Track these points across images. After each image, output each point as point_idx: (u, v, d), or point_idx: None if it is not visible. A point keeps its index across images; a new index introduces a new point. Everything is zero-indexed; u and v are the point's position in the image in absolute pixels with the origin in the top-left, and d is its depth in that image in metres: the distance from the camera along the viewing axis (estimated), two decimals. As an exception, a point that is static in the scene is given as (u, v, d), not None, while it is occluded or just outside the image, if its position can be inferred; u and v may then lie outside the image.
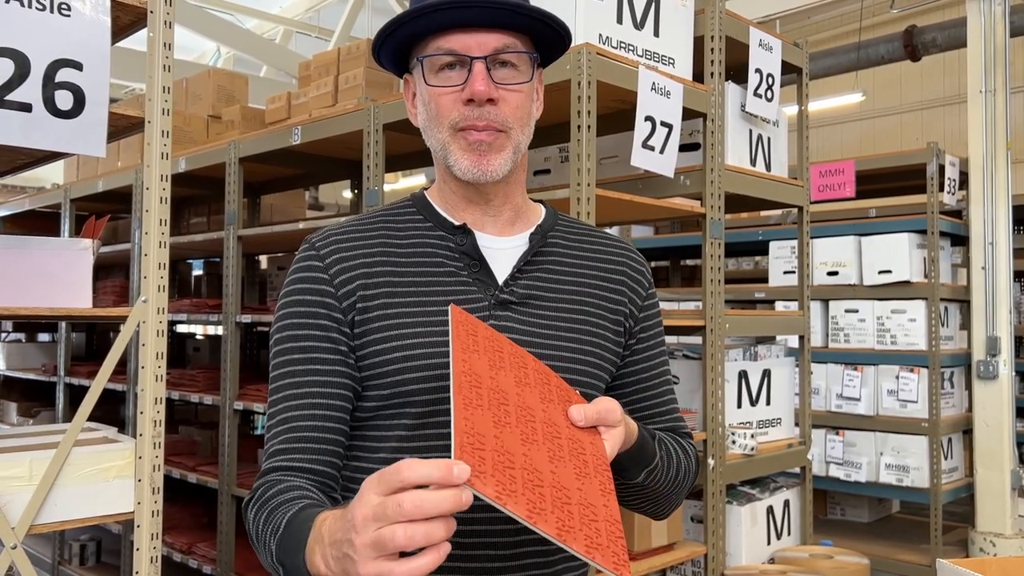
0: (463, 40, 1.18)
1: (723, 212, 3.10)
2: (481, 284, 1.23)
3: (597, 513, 0.96)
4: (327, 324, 1.21)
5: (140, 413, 1.98)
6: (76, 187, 5.10)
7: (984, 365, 4.97)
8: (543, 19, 1.21)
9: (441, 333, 1.18)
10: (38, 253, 1.95)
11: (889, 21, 8.82)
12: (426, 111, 1.23)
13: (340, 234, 1.26)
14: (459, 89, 1.19)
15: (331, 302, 1.21)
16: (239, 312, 4.04)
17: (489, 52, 1.19)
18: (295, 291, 1.24)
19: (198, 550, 4.30)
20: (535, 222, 1.33)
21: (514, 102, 1.21)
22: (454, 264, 1.24)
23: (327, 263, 1.23)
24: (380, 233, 1.27)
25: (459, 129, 1.20)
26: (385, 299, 1.21)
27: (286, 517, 1.08)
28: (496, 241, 1.28)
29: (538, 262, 1.28)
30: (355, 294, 1.21)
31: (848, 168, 5.11)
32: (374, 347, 1.19)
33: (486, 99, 1.18)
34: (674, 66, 3.00)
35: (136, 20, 2.06)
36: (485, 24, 1.18)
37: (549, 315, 1.25)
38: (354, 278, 1.22)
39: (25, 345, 6.02)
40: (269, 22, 12.28)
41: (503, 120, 1.20)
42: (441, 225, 1.27)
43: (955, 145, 6.21)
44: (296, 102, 4.39)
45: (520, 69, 1.22)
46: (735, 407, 3.31)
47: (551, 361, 1.22)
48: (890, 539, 5.31)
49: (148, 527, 1.93)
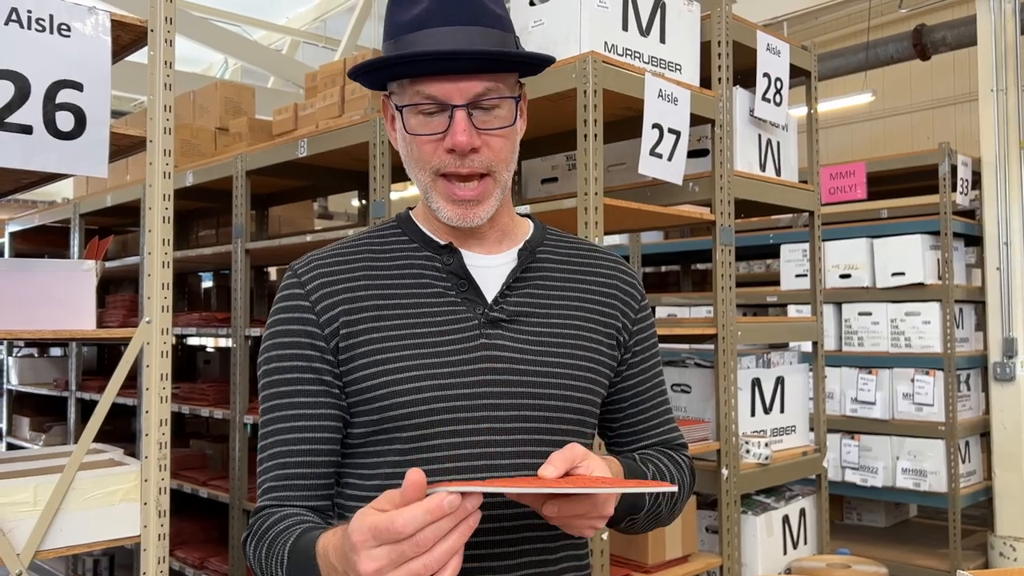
0: (444, 88, 1.14)
1: (733, 218, 3.07)
2: (470, 303, 1.21)
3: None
4: (311, 354, 1.20)
5: (145, 435, 1.96)
6: (85, 202, 5.10)
7: (1001, 367, 4.91)
8: (527, 61, 1.19)
9: (430, 355, 1.17)
10: (41, 275, 1.94)
11: (898, 20, 8.76)
12: (405, 150, 1.21)
13: (322, 260, 1.25)
14: (439, 137, 1.16)
15: (314, 330, 1.20)
16: (248, 325, 4.03)
17: (470, 99, 1.15)
18: (278, 321, 1.23)
19: (210, 564, 4.29)
20: (523, 238, 1.30)
21: (497, 146, 1.18)
22: (441, 284, 1.22)
23: (308, 290, 1.22)
24: (364, 257, 1.25)
25: (441, 174, 1.18)
26: (371, 323, 1.19)
27: (287, 546, 1.08)
28: (484, 259, 1.25)
29: (528, 279, 1.26)
30: (338, 320, 1.19)
31: (859, 170, 5.06)
32: (361, 372, 1.18)
33: (468, 149, 1.15)
34: (681, 72, 2.97)
35: (137, 39, 2.05)
36: (467, 69, 1.15)
37: (541, 332, 1.23)
38: (336, 304, 1.20)
39: (37, 360, 6.03)
40: (276, 33, 12.30)
41: (487, 165, 1.18)
42: (427, 245, 1.25)
43: (967, 145, 6.16)
44: (303, 113, 4.38)
45: (503, 110, 1.19)
46: (748, 415, 3.27)
47: (544, 378, 1.21)
48: (908, 544, 5.25)
49: (155, 551, 1.91)
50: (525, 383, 1.19)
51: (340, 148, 3.55)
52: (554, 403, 1.21)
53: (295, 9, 12.21)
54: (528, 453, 1.19)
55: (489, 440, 1.17)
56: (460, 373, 1.17)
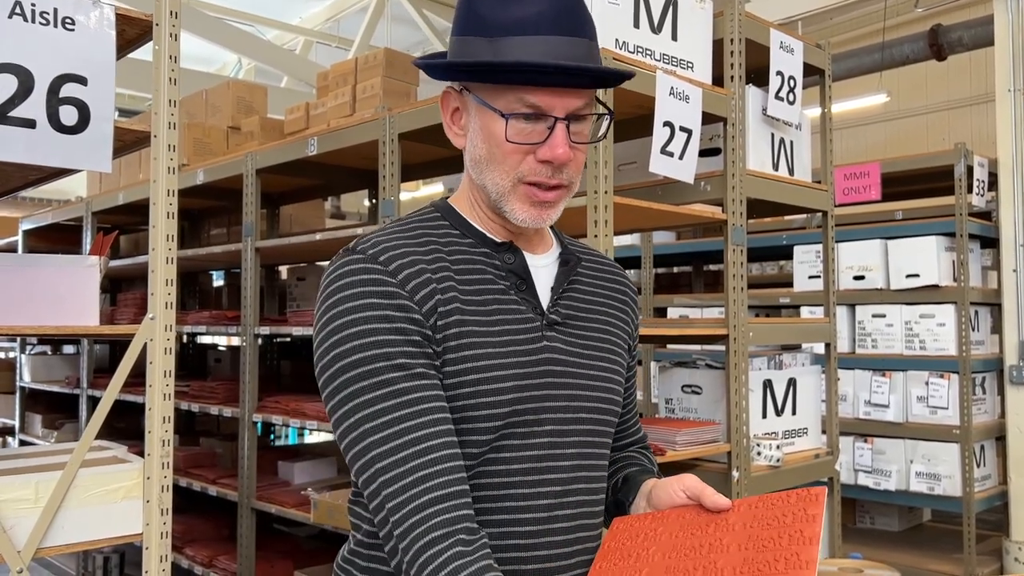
0: (549, 100, 1.13)
1: (745, 218, 3.03)
2: (528, 304, 1.21)
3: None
4: (419, 340, 1.11)
5: (148, 432, 1.95)
6: (97, 200, 5.11)
7: (1017, 370, 4.85)
8: (620, 77, 1.18)
9: (507, 355, 1.16)
10: (45, 271, 1.93)
11: (913, 20, 8.69)
12: (486, 150, 1.18)
13: (392, 244, 1.16)
14: (535, 146, 1.15)
15: (417, 317, 1.11)
16: (258, 324, 4.02)
17: (571, 112, 1.15)
18: (367, 306, 1.10)
19: (219, 563, 4.28)
20: (550, 241, 1.32)
21: (581, 159, 1.20)
22: (503, 283, 1.21)
23: (392, 269, 1.12)
24: (432, 247, 1.19)
25: (525, 182, 1.17)
26: (458, 315, 1.15)
27: None
28: (533, 260, 1.26)
29: (572, 283, 1.29)
30: (436, 309, 1.13)
31: (873, 170, 5.01)
32: (450, 367, 1.13)
33: (565, 161, 1.16)
34: (693, 70, 2.93)
35: (142, 33, 2.04)
36: (576, 84, 1.14)
37: (586, 335, 1.26)
38: (431, 293, 1.13)
39: (50, 357, 6.05)
40: (289, 33, 12.33)
41: (571, 178, 1.19)
42: (483, 242, 1.23)
43: (983, 145, 6.09)
44: (314, 112, 4.38)
45: (588, 123, 1.20)
46: (760, 417, 3.23)
47: (594, 381, 1.24)
48: (921, 548, 5.19)
49: (157, 549, 1.90)
50: (579, 386, 1.22)
51: (350, 147, 3.54)
52: (602, 405, 1.25)
53: (308, 9, 12.24)
54: (583, 455, 1.22)
55: (551, 443, 1.19)
56: (530, 375, 1.17)
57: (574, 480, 1.20)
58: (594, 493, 1.24)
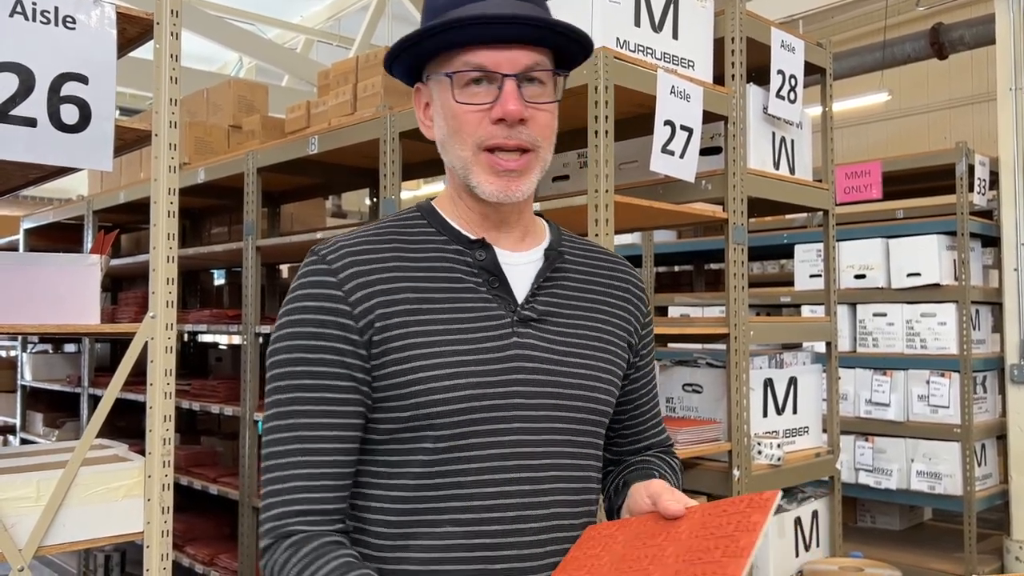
0: (493, 56, 1.14)
1: (746, 217, 3.03)
2: (501, 301, 1.20)
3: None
4: (342, 347, 1.13)
5: (149, 431, 1.95)
6: (99, 199, 5.11)
7: (1018, 369, 4.85)
8: (570, 35, 1.18)
9: (466, 352, 1.15)
10: (46, 269, 1.93)
11: (914, 19, 8.69)
12: (447, 126, 1.18)
13: (351, 246, 1.18)
14: (487, 107, 1.15)
15: (347, 322, 1.13)
16: (259, 322, 4.03)
17: (520, 70, 1.15)
18: (303, 309, 1.14)
19: (220, 561, 4.28)
20: (542, 237, 1.30)
21: (543, 121, 1.18)
22: (473, 280, 1.20)
23: (341, 278, 1.14)
24: (394, 246, 1.20)
25: (485, 148, 1.16)
26: (407, 316, 1.15)
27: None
28: (511, 256, 1.24)
29: (553, 279, 1.26)
30: (374, 312, 1.14)
31: (874, 169, 5.01)
32: (395, 366, 1.13)
33: (518, 119, 1.14)
34: (694, 69, 2.93)
35: (143, 32, 2.04)
36: (513, 40, 1.14)
37: (567, 333, 1.23)
38: (373, 295, 1.14)
39: (52, 356, 6.05)
40: (290, 31, 12.34)
41: (533, 139, 1.17)
42: (456, 239, 1.22)
43: (984, 144, 6.09)
44: (315, 111, 4.37)
45: (547, 87, 1.19)
46: (760, 416, 3.24)
47: (572, 379, 1.21)
48: (922, 547, 5.19)
49: (158, 547, 1.90)
50: (555, 383, 1.19)
51: (350, 145, 3.54)
52: (580, 404, 1.22)
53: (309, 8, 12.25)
54: (556, 454, 1.19)
55: (520, 440, 1.16)
56: (495, 372, 1.15)
57: (548, 480, 1.17)
58: (574, 494, 1.21)
